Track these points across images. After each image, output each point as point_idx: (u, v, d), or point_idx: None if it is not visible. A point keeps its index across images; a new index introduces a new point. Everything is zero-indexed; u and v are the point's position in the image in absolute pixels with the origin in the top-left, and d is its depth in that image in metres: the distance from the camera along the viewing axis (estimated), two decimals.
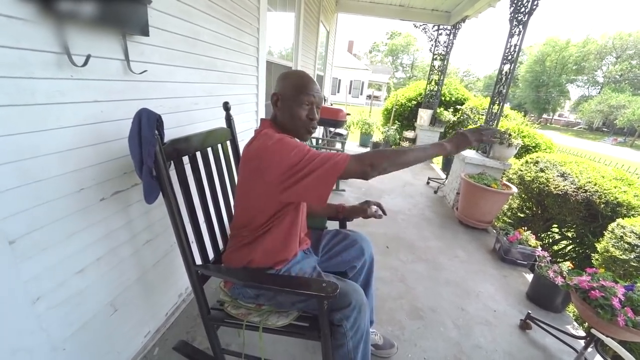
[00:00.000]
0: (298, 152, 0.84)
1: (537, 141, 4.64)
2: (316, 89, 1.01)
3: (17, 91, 0.71)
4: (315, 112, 1.01)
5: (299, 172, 0.83)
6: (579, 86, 34.88)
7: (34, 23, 0.72)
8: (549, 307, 1.96)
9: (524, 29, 2.95)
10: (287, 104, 0.99)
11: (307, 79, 1.01)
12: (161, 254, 1.37)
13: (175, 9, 1.21)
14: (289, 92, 0.98)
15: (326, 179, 0.82)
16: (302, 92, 0.98)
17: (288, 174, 0.84)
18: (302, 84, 0.99)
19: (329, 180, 0.82)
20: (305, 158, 0.83)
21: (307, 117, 1.00)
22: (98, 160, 0.96)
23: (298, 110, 0.98)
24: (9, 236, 0.74)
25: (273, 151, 0.86)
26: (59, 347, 0.92)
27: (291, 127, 1.01)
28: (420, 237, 2.77)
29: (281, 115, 1.01)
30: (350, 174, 0.84)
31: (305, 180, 0.82)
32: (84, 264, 0.97)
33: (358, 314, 0.97)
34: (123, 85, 1.01)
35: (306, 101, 0.98)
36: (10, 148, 0.72)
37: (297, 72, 1.04)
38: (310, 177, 0.82)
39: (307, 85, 0.99)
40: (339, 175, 0.83)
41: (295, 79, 1.00)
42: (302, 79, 1.00)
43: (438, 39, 5.83)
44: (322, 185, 0.83)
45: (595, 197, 2.50)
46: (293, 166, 0.83)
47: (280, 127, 1.03)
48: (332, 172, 0.82)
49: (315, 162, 0.82)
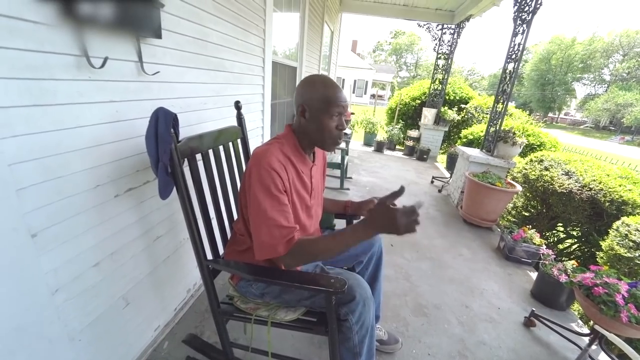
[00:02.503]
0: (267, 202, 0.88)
1: (541, 140, 4.63)
2: (344, 97, 0.96)
3: (40, 92, 0.75)
4: (344, 122, 0.99)
5: (254, 219, 0.90)
6: (585, 84, 34.48)
7: (56, 28, 0.76)
8: (554, 304, 1.96)
9: (528, 27, 2.95)
10: (315, 115, 0.95)
11: (335, 88, 0.96)
12: (171, 249, 1.41)
13: (185, 12, 1.24)
14: (318, 104, 0.94)
15: (262, 250, 0.89)
16: (332, 104, 0.94)
17: (250, 210, 0.91)
18: (332, 95, 0.94)
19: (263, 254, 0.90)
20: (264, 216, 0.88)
21: (337, 129, 0.98)
22: (113, 158, 1.00)
23: (328, 122, 0.95)
24: (31, 229, 0.78)
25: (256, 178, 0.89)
26: (75, 337, 0.96)
27: (318, 139, 1.00)
28: (425, 235, 2.78)
29: (308, 126, 0.98)
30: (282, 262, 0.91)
31: (255, 234, 0.91)
32: (99, 257, 1.01)
33: (363, 307, 0.98)
34: (137, 86, 1.05)
35: (336, 112, 0.95)
36: (34, 146, 0.76)
37: (322, 79, 0.98)
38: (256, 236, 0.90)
39: (336, 95, 0.94)
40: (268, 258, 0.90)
41: (323, 88, 0.95)
42: (331, 88, 0.95)
43: (442, 38, 5.82)
44: (258, 251, 0.90)
45: (600, 196, 2.49)
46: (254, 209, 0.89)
47: (304, 136, 1.02)
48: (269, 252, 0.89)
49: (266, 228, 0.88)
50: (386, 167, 5.17)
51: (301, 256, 0.91)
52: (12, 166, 0.71)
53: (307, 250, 0.90)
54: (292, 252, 0.89)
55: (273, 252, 0.88)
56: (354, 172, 4.53)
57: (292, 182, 0.97)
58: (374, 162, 5.44)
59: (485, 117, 6.01)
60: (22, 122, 0.72)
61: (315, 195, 1.12)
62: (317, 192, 1.15)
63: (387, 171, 4.88)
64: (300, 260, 0.92)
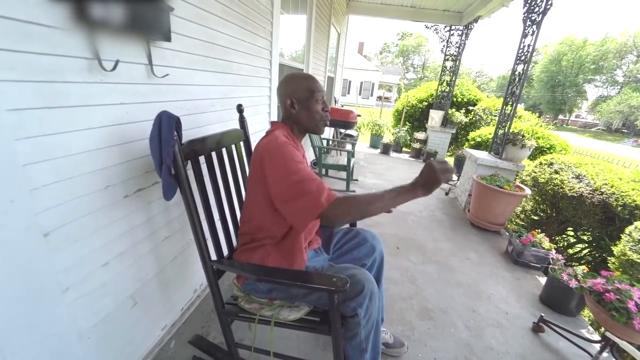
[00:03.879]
0: (294, 166, 0.90)
1: (551, 142, 4.55)
2: (320, 84, 1.12)
3: (53, 94, 0.77)
4: (327, 104, 1.13)
5: (287, 189, 0.90)
6: (597, 86, 33.79)
7: (70, 31, 0.78)
8: (563, 310, 1.93)
9: (538, 29, 2.92)
10: (304, 104, 1.08)
11: (313, 78, 1.12)
12: (178, 250, 1.43)
13: (194, 15, 1.26)
14: (304, 94, 1.07)
15: (304, 212, 0.88)
16: (315, 91, 1.08)
17: (278, 186, 0.92)
18: (312, 84, 1.09)
19: (307, 214, 0.88)
20: (296, 177, 0.89)
21: (323, 110, 1.11)
22: (123, 159, 1.02)
23: (316, 106, 1.09)
24: (44, 229, 0.79)
25: (274, 158, 0.93)
26: (85, 335, 0.97)
27: (311, 124, 1.10)
28: (431, 238, 2.76)
29: (299, 115, 1.09)
30: (326, 218, 0.88)
31: (289, 201, 0.90)
32: (108, 257, 1.03)
33: (370, 301, 0.99)
34: (146, 89, 1.07)
35: (319, 97, 1.09)
36: (47, 147, 0.78)
37: (300, 74, 1.13)
38: (293, 200, 0.89)
39: (316, 83, 1.10)
40: (316, 216, 0.87)
41: (304, 81, 1.10)
42: (310, 79, 1.10)
43: (450, 40, 5.79)
44: (300, 216, 0.90)
45: (612, 200, 2.44)
46: (284, 179, 0.90)
47: (296, 125, 1.12)
48: (312, 208, 0.87)
49: (303, 187, 0.88)
50: (392, 169, 5.15)
51: (344, 208, 0.88)
52: (26, 167, 0.73)
53: (349, 202, 0.88)
54: (334, 203, 0.87)
55: (316, 207, 0.86)
56: (360, 174, 4.52)
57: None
58: (380, 164, 5.43)
59: (494, 119, 5.94)
60: (36, 123, 0.74)
61: None
62: None
63: (393, 173, 4.86)
64: (343, 211, 0.88)
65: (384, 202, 0.88)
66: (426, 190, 0.88)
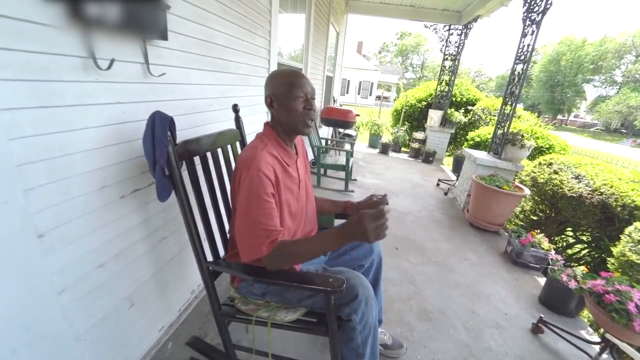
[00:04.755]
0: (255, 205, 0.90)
1: (551, 142, 4.55)
2: (306, 80, 1.02)
3: (48, 93, 0.76)
4: (311, 102, 1.02)
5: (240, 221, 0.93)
6: (596, 86, 33.81)
7: (64, 30, 0.76)
8: (562, 311, 1.92)
9: (538, 28, 2.91)
10: (281, 101, 1.00)
11: (295, 74, 1.03)
12: (175, 251, 1.42)
13: (192, 14, 1.25)
14: (281, 89, 0.99)
15: (246, 251, 0.93)
16: (294, 86, 0.99)
17: (236, 214, 0.94)
18: (292, 79, 1.00)
19: (246, 255, 0.93)
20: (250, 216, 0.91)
21: (305, 109, 1.01)
22: (119, 159, 1.01)
23: (294, 104, 0.99)
24: (38, 230, 0.78)
25: (240, 189, 0.92)
26: (80, 337, 0.96)
27: (290, 124, 1.02)
28: (430, 238, 2.75)
29: (279, 114, 1.02)
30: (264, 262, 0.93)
31: (239, 233, 0.94)
32: (104, 258, 1.02)
33: (365, 307, 0.97)
34: (143, 88, 1.05)
35: (300, 94, 0.99)
36: (42, 147, 0.76)
37: (284, 70, 1.06)
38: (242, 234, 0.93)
39: (297, 79, 1.00)
40: (255, 260, 0.92)
41: (283, 77, 1.02)
42: (290, 75, 1.02)
43: (449, 39, 5.79)
44: (242, 251, 0.94)
45: (612, 200, 2.44)
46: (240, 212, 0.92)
47: (280, 126, 1.05)
48: (254, 253, 0.92)
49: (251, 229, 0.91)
50: (391, 169, 5.14)
51: (282, 257, 0.91)
52: (20, 167, 0.72)
53: (287, 250, 0.91)
54: (273, 252, 0.90)
55: (257, 252, 0.91)
56: (359, 174, 4.51)
57: (282, 179, 1.00)
58: (379, 164, 5.42)
59: (493, 119, 5.94)
60: (31, 123, 0.73)
61: (303, 187, 1.14)
62: (305, 184, 1.17)
63: (392, 173, 4.85)
64: (280, 260, 0.92)
65: (318, 250, 0.92)
66: (350, 239, 0.88)
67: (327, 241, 0.90)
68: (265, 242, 0.90)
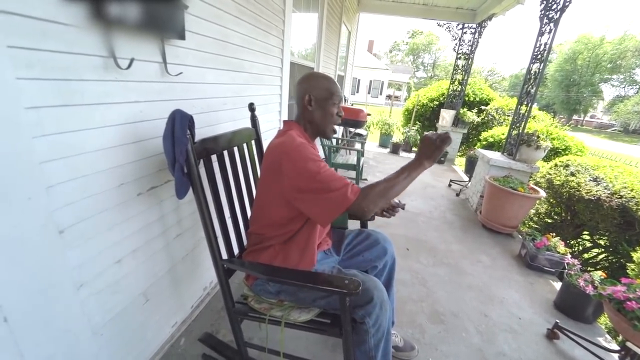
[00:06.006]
0: (315, 166, 0.90)
1: (567, 144, 4.44)
2: (340, 89, 1.13)
3: (69, 92, 0.77)
4: (341, 109, 1.13)
5: (311, 189, 0.90)
6: (614, 86, 32.69)
7: (86, 30, 0.78)
8: (579, 317, 1.87)
9: (556, 26, 2.83)
10: (321, 104, 1.07)
11: (334, 81, 1.11)
12: (189, 247, 1.43)
13: (208, 14, 1.26)
14: (323, 94, 1.07)
15: (332, 208, 0.88)
16: (335, 94, 1.08)
17: (301, 187, 0.91)
18: (333, 86, 1.09)
19: (334, 210, 0.88)
20: (320, 177, 0.89)
21: (337, 115, 1.11)
22: (136, 157, 1.02)
23: (331, 109, 1.08)
24: (59, 226, 0.80)
25: (293, 159, 0.92)
26: (98, 332, 0.98)
27: (322, 126, 1.10)
28: (442, 240, 2.72)
29: (314, 114, 1.08)
30: (355, 211, 0.89)
31: (314, 200, 0.90)
32: (121, 254, 1.03)
33: (380, 310, 0.97)
34: (160, 87, 1.07)
35: (337, 101, 1.09)
36: (63, 145, 0.78)
37: (322, 74, 1.12)
38: (319, 198, 0.89)
39: (336, 87, 1.10)
40: (344, 210, 0.88)
41: (325, 82, 1.09)
42: (331, 81, 1.10)
43: (462, 38, 5.69)
44: (327, 212, 0.90)
45: (632, 204, 2.36)
46: (308, 180, 0.90)
47: (310, 125, 1.10)
48: (340, 204, 0.87)
49: (328, 184, 0.88)
50: None
51: (372, 196, 0.90)
52: (42, 164, 0.74)
53: (374, 189, 0.91)
54: (362, 195, 0.89)
55: (344, 202, 0.87)
56: (370, 174, 4.49)
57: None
58: (390, 164, 5.37)
59: (507, 119, 5.83)
60: (53, 121, 0.75)
61: None
62: None
63: None
64: (372, 199, 0.90)
65: (401, 182, 0.93)
66: (430, 160, 0.95)
67: (408, 172, 0.94)
68: (347, 189, 0.88)
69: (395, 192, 0.93)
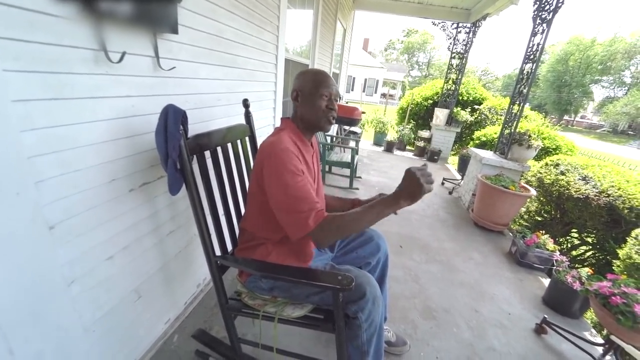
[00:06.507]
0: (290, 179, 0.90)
1: (557, 143, 4.51)
2: (332, 82, 1.08)
3: (59, 85, 0.76)
4: (334, 103, 1.08)
5: (279, 201, 0.92)
6: (604, 87, 33.27)
7: (76, 22, 0.76)
8: (566, 312, 1.91)
9: (548, 27, 2.87)
10: (307, 97, 1.05)
11: (323, 74, 1.08)
12: (182, 244, 1.42)
13: (202, 8, 1.24)
14: (308, 86, 1.05)
15: (294, 228, 0.91)
16: (320, 85, 1.04)
17: (272, 194, 0.93)
18: (320, 78, 1.06)
19: (296, 231, 0.91)
20: (290, 192, 0.90)
21: (327, 107, 1.06)
22: (128, 152, 1.01)
23: (318, 101, 1.05)
24: (49, 222, 0.79)
25: (273, 165, 0.92)
26: (89, 328, 0.97)
27: (313, 119, 1.07)
28: (435, 237, 2.75)
29: (302, 109, 1.07)
30: (312, 239, 0.92)
31: (281, 212, 0.93)
32: (113, 251, 1.02)
33: (372, 305, 0.98)
34: (152, 81, 1.05)
35: (325, 93, 1.05)
36: (53, 139, 0.77)
37: (313, 70, 1.11)
38: (285, 213, 0.92)
39: (324, 79, 1.06)
40: (303, 235, 0.90)
41: (312, 75, 1.08)
42: (319, 74, 1.08)
43: (457, 37, 5.72)
44: (290, 229, 0.92)
45: (619, 202, 2.42)
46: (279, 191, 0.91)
47: (301, 121, 1.09)
48: (300, 228, 0.90)
49: (295, 204, 0.90)
50: (396, 167, 5.13)
51: (330, 229, 0.90)
52: (31, 159, 0.72)
53: (336, 222, 0.90)
54: (321, 225, 0.89)
55: (304, 227, 0.89)
56: (364, 172, 4.50)
57: (304, 164, 1.01)
58: (384, 162, 5.40)
59: (499, 118, 5.89)
60: (42, 115, 0.73)
61: (317, 181, 1.16)
62: (319, 179, 1.20)
63: (396, 171, 4.84)
64: (329, 233, 0.90)
65: (368, 219, 0.91)
66: (409, 200, 0.88)
67: (379, 208, 0.90)
68: (310, 216, 0.89)
69: (358, 228, 0.92)
